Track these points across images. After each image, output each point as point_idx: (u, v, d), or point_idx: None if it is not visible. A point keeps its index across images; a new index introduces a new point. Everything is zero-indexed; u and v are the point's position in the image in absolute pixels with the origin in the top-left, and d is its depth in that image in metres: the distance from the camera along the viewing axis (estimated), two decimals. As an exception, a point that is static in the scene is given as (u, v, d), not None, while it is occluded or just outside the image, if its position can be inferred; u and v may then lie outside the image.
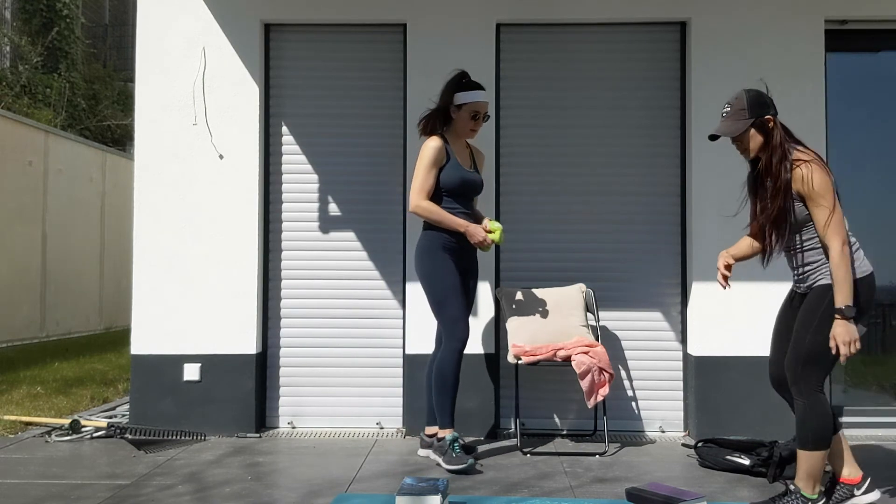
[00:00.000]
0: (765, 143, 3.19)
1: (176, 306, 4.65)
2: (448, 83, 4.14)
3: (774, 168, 3.15)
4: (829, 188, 3.06)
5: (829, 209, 3.05)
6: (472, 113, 4.10)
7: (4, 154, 9.02)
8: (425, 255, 4.07)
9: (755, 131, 3.20)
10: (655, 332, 4.78)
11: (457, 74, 4.16)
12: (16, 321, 9.24)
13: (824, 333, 3.09)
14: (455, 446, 3.89)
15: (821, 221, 3.07)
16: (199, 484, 3.61)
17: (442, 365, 4.00)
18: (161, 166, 4.69)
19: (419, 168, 4.04)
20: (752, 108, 3.18)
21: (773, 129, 3.18)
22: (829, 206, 3.05)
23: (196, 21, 4.71)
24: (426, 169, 4.03)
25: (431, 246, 4.07)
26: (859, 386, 4.83)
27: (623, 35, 4.84)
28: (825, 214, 3.06)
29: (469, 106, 4.09)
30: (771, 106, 3.22)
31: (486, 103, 4.13)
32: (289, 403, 4.81)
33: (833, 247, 3.05)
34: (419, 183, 4.03)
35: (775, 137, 3.16)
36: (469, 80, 4.15)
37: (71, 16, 14.01)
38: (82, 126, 13.85)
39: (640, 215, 4.79)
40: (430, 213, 4.02)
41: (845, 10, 4.66)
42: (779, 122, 3.22)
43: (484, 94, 4.12)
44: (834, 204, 3.05)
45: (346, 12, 4.76)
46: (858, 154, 4.83)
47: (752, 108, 3.18)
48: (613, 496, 3.46)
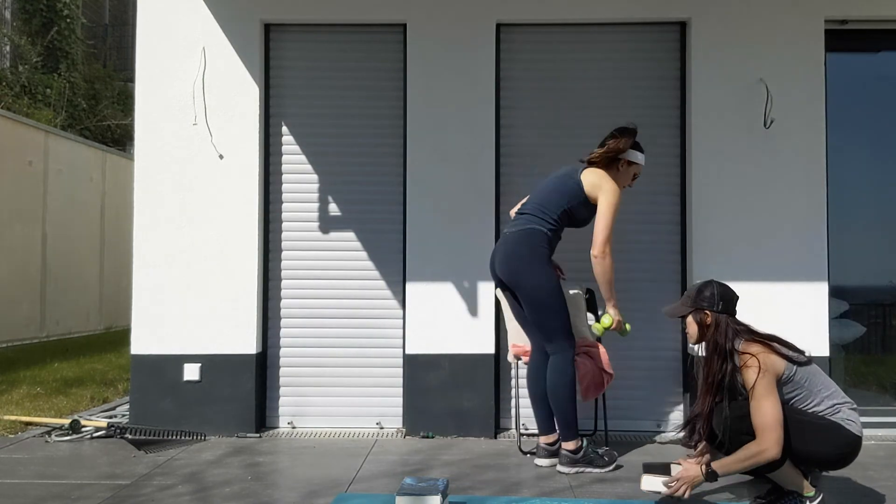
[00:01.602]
0: (699, 334, 3.30)
1: (176, 306, 4.65)
2: (628, 132, 3.96)
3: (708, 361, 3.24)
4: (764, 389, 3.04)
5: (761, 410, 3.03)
6: (635, 174, 4.06)
7: (4, 154, 9.02)
8: (535, 260, 3.89)
9: (691, 320, 3.31)
10: (655, 332, 4.77)
11: (633, 129, 4.00)
12: (16, 321, 9.24)
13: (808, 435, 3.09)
14: (590, 452, 3.89)
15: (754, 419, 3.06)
16: (199, 484, 3.61)
17: (564, 377, 3.89)
18: (161, 166, 4.69)
19: (609, 210, 3.86)
20: (695, 299, 3.29)
21: (709, 325, 3.25)
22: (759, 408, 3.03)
23: (196, 21, 4.71)
24: (614, 214, 3.88)
25: (541, 251, 3.91)
26: (859, 386, 4.82)
27: (623, 35, 4.84)
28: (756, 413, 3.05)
29: (636, 167, 4.03)
30: (718, 303, 3.25)
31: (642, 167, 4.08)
32: (289, 403, 4.81)
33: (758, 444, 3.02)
34: (608, 229, 3.87)
35: (709, 332, 3.25)
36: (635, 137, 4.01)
37: (71, 16, 14.01)
38: (82, 126, 13.85)
39: (640, 215, 4.79)
40: (606, 272, 3.88)
41: (845, 10, 4.66)
42: (726, 318, 3.23)
43: (643, 158, 4.06)
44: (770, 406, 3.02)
45: (346, 12, 4.76)
46: (858, 154, 4.83)
47: (696, 300, 3.29)
48: (613, 496, 3.46)
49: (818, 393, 3.13)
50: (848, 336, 4.80)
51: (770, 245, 4.59)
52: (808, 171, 4.61)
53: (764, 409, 3.03)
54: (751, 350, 3.13)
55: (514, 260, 3.92)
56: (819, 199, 4.60)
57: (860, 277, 4.79)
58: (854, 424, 3.11)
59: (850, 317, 4.79)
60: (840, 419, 3.10)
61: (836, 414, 3.11)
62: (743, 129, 4.62)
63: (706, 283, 3.34)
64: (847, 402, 3.17)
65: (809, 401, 3.13)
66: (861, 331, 4.81)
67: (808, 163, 4.60)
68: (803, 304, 4.56)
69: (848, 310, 4.79)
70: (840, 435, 3.08)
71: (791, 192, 4.61)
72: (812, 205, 4.60)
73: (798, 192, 4.61)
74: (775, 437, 3.01)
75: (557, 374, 3.91)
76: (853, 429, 3.10)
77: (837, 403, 3.14)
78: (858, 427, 3.13)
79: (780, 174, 4.60)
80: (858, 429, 3.13)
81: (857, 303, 4.78)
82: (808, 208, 4.59)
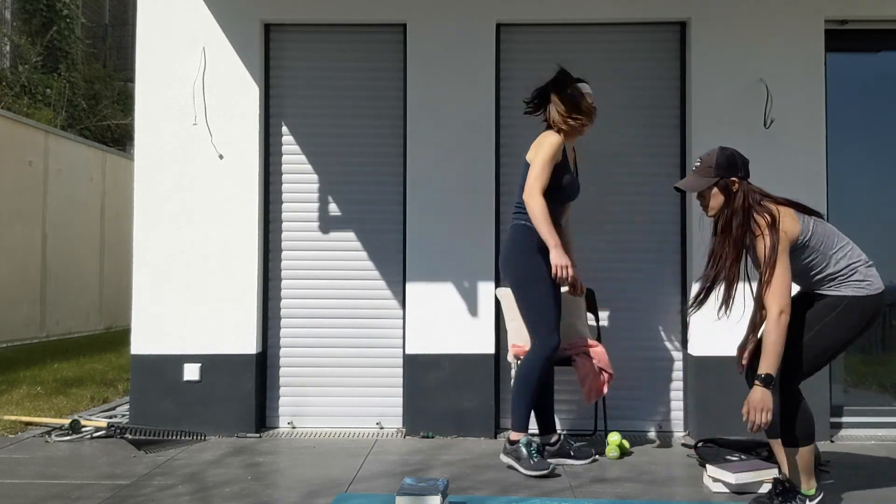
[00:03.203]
0: (725, 203, 3.23)
1: (176, 306, 4.65)
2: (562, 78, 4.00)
3: (735, 230, 3.19)
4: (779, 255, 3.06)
5: (774, 275, 3.05)
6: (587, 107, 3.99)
7: (4, 154, 9.02)
8: (519, 256, 3.93)
9: (717, 190, 3.24)
10: (655, 332, 4.78)
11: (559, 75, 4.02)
12: (16, 321, 9.24)
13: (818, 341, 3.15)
14: (532, 450, 3.81)
15: (769, 284, 3.07)
16: (199, 484, 3.61)
17: (527, 371, 3.90)
18: (161, 166, 4.69)
19: (538, 160, 3.86)
20: (718, 167, 3.22)
21: (736, 191, 3.20)
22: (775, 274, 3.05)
23: (196, 21, 4.71)
24: (547, 163, 3.86)
25: (526, 245, 3.92)
26: (859, 386, 4.82)
27: (623, 35, 4.84)
28: (771, 279, 3.07)
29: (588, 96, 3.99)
30: (741, 168, 3.24)
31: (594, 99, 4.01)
32: (289, 403, 4.81)
33: (771, 312, 3.05)
34: (536, 174, 3.85)
35: (737, 200, 3.19)
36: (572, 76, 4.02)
37: (71, 16, 14.01)
38: (82, 126, 13.85)
39: (640, 215, 4.79)
40: (536, 213, 3.82)
41: (845, 10, 4.66)
42: (746, 184, 3.22)
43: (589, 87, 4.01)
44: (782, 271, 3.05)
45: (346, 12, 4.76)
46: (858, 154, 4.83)
47: (719, 168, 3.22)
48: (613, 496, 3.46)
49: (832, 256, 3.15)
50: (848, 336, 4.79)
51: (770, 245, 4.58)
52: (808, 171, 4.61)
53: (777, 273, 3.04)
54: (770, 213, 3.11)
55: (502, 257, 4.06)
56: (819, 199, 4.59)
57: (860, 277, 4.78)
58: (871, 284, 3.14)
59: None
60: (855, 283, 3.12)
61: (852, 277, 3.13)
62: (743, 129, 4.62)
63: (720, 150, 3.26)
64: (862, 260, 3.18)
65: (825, 265, 3.14)
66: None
67: (808, 163, 4.61)
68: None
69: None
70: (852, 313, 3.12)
71: (791, 192, 4.54)
72: (812, 204, 4.57)
73: (798, 192, 4.58)
74: (787, 299, 3.04)
75: (521, 368, 3.96)
76: (870, 289, 3.13)
77: (853, 264, 3.15)
78: (877, 283, 3.15)
79: (780, 174, 4.60)
80: (877, 285, 3.14)
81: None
82: (808, 208, 4.59)
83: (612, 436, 4.16)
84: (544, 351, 3.89)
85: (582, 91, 3.99)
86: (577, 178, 4.09)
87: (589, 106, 4.00)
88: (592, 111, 4.02)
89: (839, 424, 4.69)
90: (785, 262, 3.07)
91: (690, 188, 3.30)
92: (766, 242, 3.08)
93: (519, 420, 3.92)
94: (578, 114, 3.97)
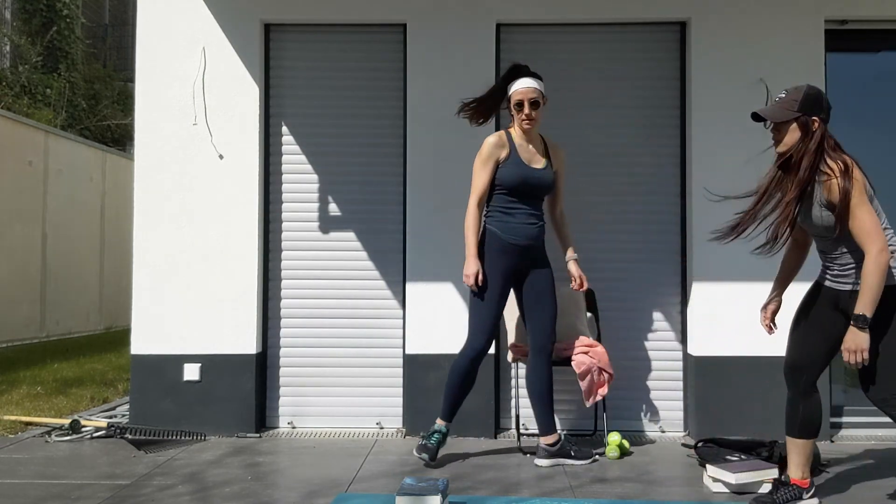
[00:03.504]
0: (801, 141, 3.15)
1: (176, 306, 4.65)
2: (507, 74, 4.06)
3: (802, 172, 3.11)
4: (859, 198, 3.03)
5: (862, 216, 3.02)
6: (517, 102, 3.98)
7: (4, 154, 9.02)
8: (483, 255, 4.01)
9: (796, 126, 3.15)
10: (655, 332, 4.78)
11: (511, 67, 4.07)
12: (16, 321, 9.24)
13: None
14: (434, 436, 3.98)
15: (855, 229, 3.04)
16: (199, 484, 3.61)
17: (452, 367, 4.03)
18: (161, 166, 4.69)
19: (474, 165, 3.99)
20: (804, 102, 3.15)
21: (815, 131, 3.13)
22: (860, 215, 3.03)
23: (196, 21, 4.71)
24: (478, 168, 3.97)
25: (484, 245, 3.99)
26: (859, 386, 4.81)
27: (623, 35, 4.84)
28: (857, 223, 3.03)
29: (514, 95, 3.99)
30: (824, 110, 3.17)
31: (528, 89, 3.95)
32: (289, 403, 4.81)
33: (869, 252, 3.00)
34: (473, 182, 3.98)
35: (813, 141, 3.12)
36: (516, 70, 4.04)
37: (71, 16, 14.01)
38: (82, 126, 13.85)
39: (640, 215, 4.79)
40: (466, 220, 3.96)
41: (845, 10, 4.66)
42: (824, 128, 3.16)
43: (528, 80, 3.97)
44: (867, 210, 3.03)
45: (346, 12, 4.76)
46: (858, 154, 4.79)
47: (804, 104, 3.15)
48: (613, 496, 3.46)
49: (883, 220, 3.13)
50: (848, 336, 4.79)
51: (770, 245, 4.58)
52: (808, 171, 4.60)
53: (864, 215, 3.02)
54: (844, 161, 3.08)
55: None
56: (819, 199, 4.59)
57: (860, 277, 4.78)
58: None
59: (850, 317, 4.78)
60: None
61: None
62: (743, 129, 4.61)
63: (808, 87, 3.19)
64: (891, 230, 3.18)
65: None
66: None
67: (808, 163, 4.60)
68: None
69: (848, 310, 4.78)
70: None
71: (791, 192, 4.60)
72: (812, 205, 4.59)
73: (798, 192, 4.60)
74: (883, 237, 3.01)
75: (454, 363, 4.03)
76: None
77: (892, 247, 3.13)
78: None
79: (780, 174, 4.59)
80: None
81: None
82: (808, 208, 4.59)
83: (612, 436, 4.17)
84: (468, 351, 3.99)
85: (521, 86, 3.97)
86: (546, 169, 4.05)
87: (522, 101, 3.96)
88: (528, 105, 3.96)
89: (839, 424, 4.69)
90: (867, 204, 3.03)
91: (771, 117, 3.20)
92: (840, 185, 3.02)
93: (443, 409, 4.07)
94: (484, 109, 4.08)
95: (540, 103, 3.98)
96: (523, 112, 3.96)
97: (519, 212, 3.99)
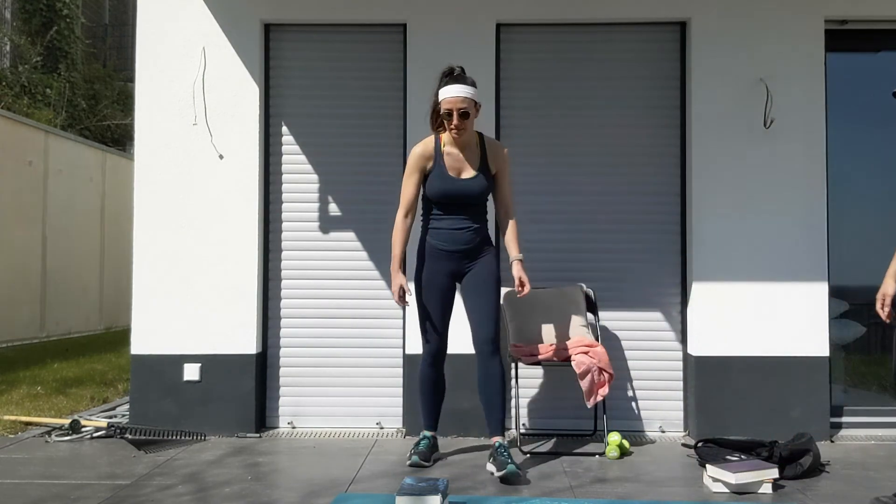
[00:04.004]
0: None
1: (176, 306, 4.65)
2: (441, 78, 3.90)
3: None
4: None
5: None
6: (446, 111, 3.80)
7: (4, 154, 9.02)
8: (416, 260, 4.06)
9: None
10: (655, 332, 4.78)
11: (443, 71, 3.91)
12: (16, 321, 9.24)
13: None
14: (422, 442, 4.01)
15: None
16: (199, 484, 3.61)
17: (420, 375, 4.08)
18: (161, 166, 4.69)
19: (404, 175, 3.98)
20: None
21: None
22: None
23: (196, 21, 4.71)
24: (405, 178, 3.95)
25: (418, 250, 4.04)
26: (859, 386, 4.83)
27: (623, 35, 4.84)
28: None
29: (443, 103, 3.81)
30: None
31: (457, 99, 3.75)
32: (289, 403, 4.81)
33: None
34: (401, 192, 3.97)
35: None
36: (448, 76, 3.84)
37: (71, 16, 14.01)
38: (82, 126, 13.85)
39: (640, 215, 4.79)
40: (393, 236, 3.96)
41: (845, 10, 4.66)
42: None
43: (458, 88, 3.76)
44: None
45: (346, 12, 4.76)
46: (858, 154, 4.83)
47: None
48: (613, 496, 3.46)
49: None
50: (848, 336, 4.80)
51: (770, 245, 4.59)
52: (808, 171, 4.60)
53: None
54: None
55: None
56: (819, 199, 4.59)
57: (860, 277, 4.79)
58: None
59: (849, 317, 4.80)
60: None
61: None
62: (743, 129, 4.62)
63: None
64: None
65: None
66: (861, 331, 4.81)
67: (808, 163, 4.60)
68: (803, 304, 4.56)
69: (848, 310, 4.79)
70: None
71: (791, 192, 4.61)
72: (812, 205, 4.60)
73: (798, 192, 4.61)
74: None
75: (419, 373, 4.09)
76: None
77: None
78: None
79: (780, 174, 4.60)
80: None
81: (857, 303, 4.79)
82: (808, 208, 4.59)
83: (612, 436, 4.16)
84: (426, 356, 4.03)
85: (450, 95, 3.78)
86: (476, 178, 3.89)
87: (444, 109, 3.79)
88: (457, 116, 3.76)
89: (839, 424, 4.70)
90: None
91: None
92: None
93: (423, 420, 4.13)
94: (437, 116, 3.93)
95: (470, 114, 3.79)
96: (452, 122, 3.79)
97: (448, 219, 3.93)
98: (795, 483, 3.67)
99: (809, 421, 4.49)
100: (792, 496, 3.47)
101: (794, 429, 4.43)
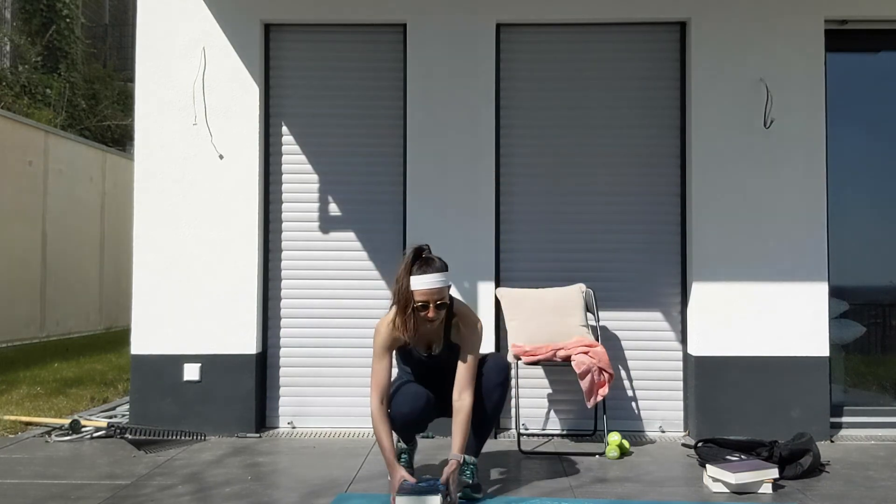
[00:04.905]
0: None
1: (176, 306, 4.65)
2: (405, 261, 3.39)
3: None
4: None
5: None
6: (421, 303, 3.33)
7: (4, 154, 9.02)
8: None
9: None
10: (655, 332, 4.78)
11: (412, 252, 3.40)
12: (15, 321, 9.24)
13: None
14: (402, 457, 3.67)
15: None
16: (199, 484, 3.61)
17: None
18: (161, 166, 4.69)
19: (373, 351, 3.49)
20: None
21: None
22: None
23: (196, 21, 4.71)
24: (375, 360, 3.45)
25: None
26: (859, 386, 4.83)
27: (623, 35, 4.84)
28: None
29: (416, 294, 3.33)
30: None
31: (433, 291, 3.31)
32: (289, 403, 4.81)
33: None
34: (371, 375, 3.45)
35: None
36: (417, 260, 3.37)
37: (71, 16, 14.00)
38: (82, 126, 13.84)
39: (640, 215, 4.79)
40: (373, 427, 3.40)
41: (845, 10, 4.66)
42: None
43: (432, 279, 3.32)
44: None
45: (346, 12, 4.76)
46: (858, 154, 4.83)
47: None
48: (613, 496, 3.46)
49: None
50: (848, 336, 4.80)
51: (770, 245, 4.59)
52: (808, 171, 4.60)
53: None
54: None
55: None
56: (819, 198, 4.59)
57: (860, 277, 4.79)
58: None
59: (849, 317, 4.80)
60: None
61: None
62: (743, 129, 4.62)
63: None
64: None
65: None
66: (861, 331, 4.81)
67: (808, 163, 4.60)
68: (803, 304, 4.56)
69: (848, 310, 4.79)
70: None
71: (791, 192, 4.61)
72: (812, 205, 4.60)
73: (798, 191, 4.61)
74: None
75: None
76: None
77: None
78: None
79: (780, 174, 4.60)
80: None
81: (857, 303, 4.79)
82: (808, 208, 4.59)
83: (612, 436, 4.16)
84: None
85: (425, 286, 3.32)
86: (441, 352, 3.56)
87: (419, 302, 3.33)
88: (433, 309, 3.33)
89: (839, 424, 4.70)
90: None
91: None
92: None
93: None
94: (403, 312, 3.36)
95: (447, 304, 3.40)
96: (429, 313, 3.34)
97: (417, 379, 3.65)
98: (795, 483, 3.67)
99: (809, 421, 4.49)
100: (792, 496, 3.47)
101: (794, 429, 4.43)
